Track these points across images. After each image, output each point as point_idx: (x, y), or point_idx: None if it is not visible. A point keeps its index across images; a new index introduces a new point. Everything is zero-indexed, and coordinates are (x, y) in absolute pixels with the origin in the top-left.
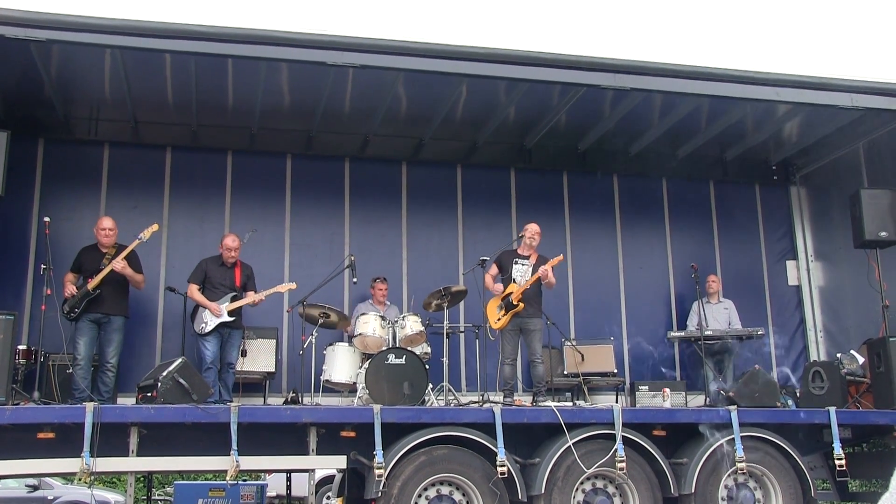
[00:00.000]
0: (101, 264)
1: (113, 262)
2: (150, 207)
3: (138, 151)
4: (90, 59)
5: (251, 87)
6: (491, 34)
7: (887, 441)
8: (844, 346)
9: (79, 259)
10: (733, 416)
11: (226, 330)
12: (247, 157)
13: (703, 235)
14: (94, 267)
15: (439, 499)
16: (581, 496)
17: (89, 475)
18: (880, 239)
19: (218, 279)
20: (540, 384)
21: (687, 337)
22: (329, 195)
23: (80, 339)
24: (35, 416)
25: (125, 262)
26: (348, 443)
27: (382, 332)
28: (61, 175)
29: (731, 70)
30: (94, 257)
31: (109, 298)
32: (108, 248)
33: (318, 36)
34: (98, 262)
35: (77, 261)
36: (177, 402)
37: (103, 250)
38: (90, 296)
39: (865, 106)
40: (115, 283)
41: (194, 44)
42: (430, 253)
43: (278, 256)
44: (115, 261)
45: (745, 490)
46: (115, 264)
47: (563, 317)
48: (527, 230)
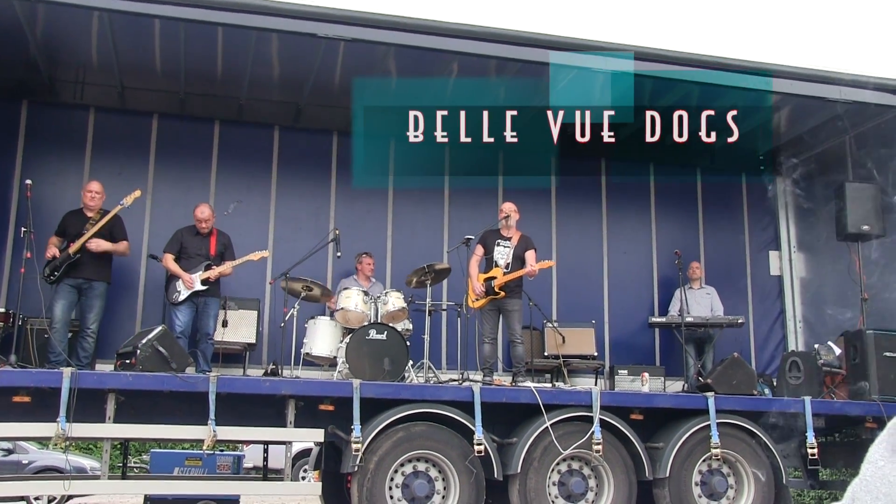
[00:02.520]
0: (83, 228)
1: (91, 242)
2: (134, 174)
3: (124, 117)
4: (77, 22)
5: (240, 56)
6: (483, 13)
7: (859, 431)
8: (823, 337)
9: (63, 222)
10: (710, 403)
11: (200, 299)
12: (234, 128)
13: (688, 222)
14: (77, 231)
15: (415, 475)
16: (557, 476)
17: (65, 440)
18: (862, 232)
19: (193, 248)
20: (520, 364)
21: (668, 323)
22: (316, 169)
23: (58, 303)
24: (11, 380)
25: (100, 243)
26: (327, 416)
27: (364, 308)
28: (45, 138)
29: (721, 58)
30: (78, 221)
31: (91, 263)
32: (93, 211)
33: (310, 7)
34: (81, 226)
35: (62, 224)
36: (155, 370)
37: (88, 214)
38: (70, 259)
39: (853, 99)
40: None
41: (184, 10)
42: (416, 230)
43: (263, 228)
44: (92, 241)
45: (718, 476)
46: (90, 245)
47: (545, 298)
48: (503, 209)
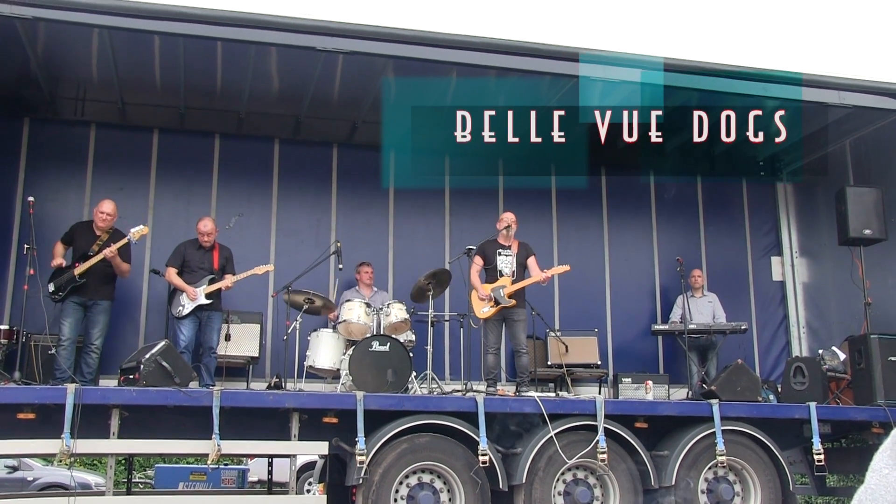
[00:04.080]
0: (91, 249)
1: (105, 251)
2: (136, 190)
3: (125, 133)
4: (77, 39)
5: (240, 70)
6: (483, 23)
7: (865, 436)
8: (826, 343)
9: (72, 232)
10: (715, 410)
11: (204, 313)
12: (234, 141)
13: (690, 229)
14: (84, 248)
15: (420, 486)
16: (562, 486)
17: (69, 456)
18: (864, 237)
19: (196, 262)
20: (523, 374)
21: (671, 331)
22: (316, 181)
23: (66, 320)
24: (15, 397)
25: (116, 252)
26: (331, 429)
27: (367, 319)
28: (47, 155)
29: (720, 65)
30: (87, 238)
31: (94, 285)
32: (102, 231)
33: (308, 21)
34: (89, 244)
35: (69, 233)
36: (159, 385)
37: (97, 233)
38: (76, 283)
39: (853, 104)
40: (101, 271)
41: (183, 25)
42: (417, 240)
43: (264, 241)
44: (107, 249)
45: (724, 483)
46: (106, 252)
47: (548, 308)
48: (503, 220)
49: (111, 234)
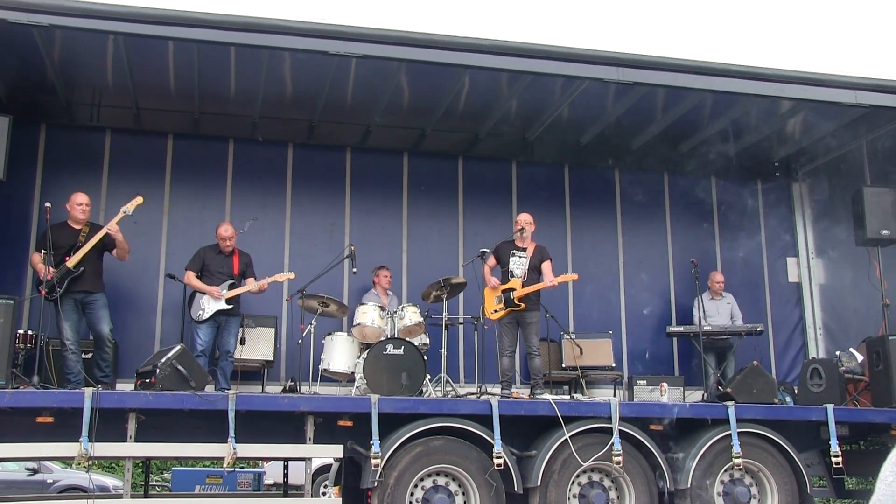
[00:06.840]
0: (77, 241)
1: (108, 225)
2: (151, 194)
3: (140, 138)
4: (93, 45)
5: (253, 75)
6: (494, 26)
7: (884, 439)
8: (843, 344)
9: (44, 238)
10: (731, 412)
11: (222, 318)
12: (248, 146)
13: (704, 230)
14: (69, 244)
15: (435, 489)
16: (577, 489)
17: (87, 460)
18: (882, 237)
19: (216, 267)
20: (537, 377)
21: (686, 332)
22: (330, 185)
23: (66, 324)
24: (34, 401)
25: (118, 228)
26: (345, 432)
27: (381, 323)
28: (63, 161)
29: (735, 65)
30: (69, 234)
31: (90, 275)
32: (81, 224)
33: (321, 25)
34: (73, 238)
35: (41, 240)
36: (175, 389)
37: (76, 227)
38: (72, 273)
39: (869, 103)
40: (93, 263)
41: (197, 31)
42: (431, 244)
43: (278, 245)
44: (110, 223)
45: (740, 486)
46: (110, 227)
47: (562, 310)
48: (518, 221)
49: (90, 226)
